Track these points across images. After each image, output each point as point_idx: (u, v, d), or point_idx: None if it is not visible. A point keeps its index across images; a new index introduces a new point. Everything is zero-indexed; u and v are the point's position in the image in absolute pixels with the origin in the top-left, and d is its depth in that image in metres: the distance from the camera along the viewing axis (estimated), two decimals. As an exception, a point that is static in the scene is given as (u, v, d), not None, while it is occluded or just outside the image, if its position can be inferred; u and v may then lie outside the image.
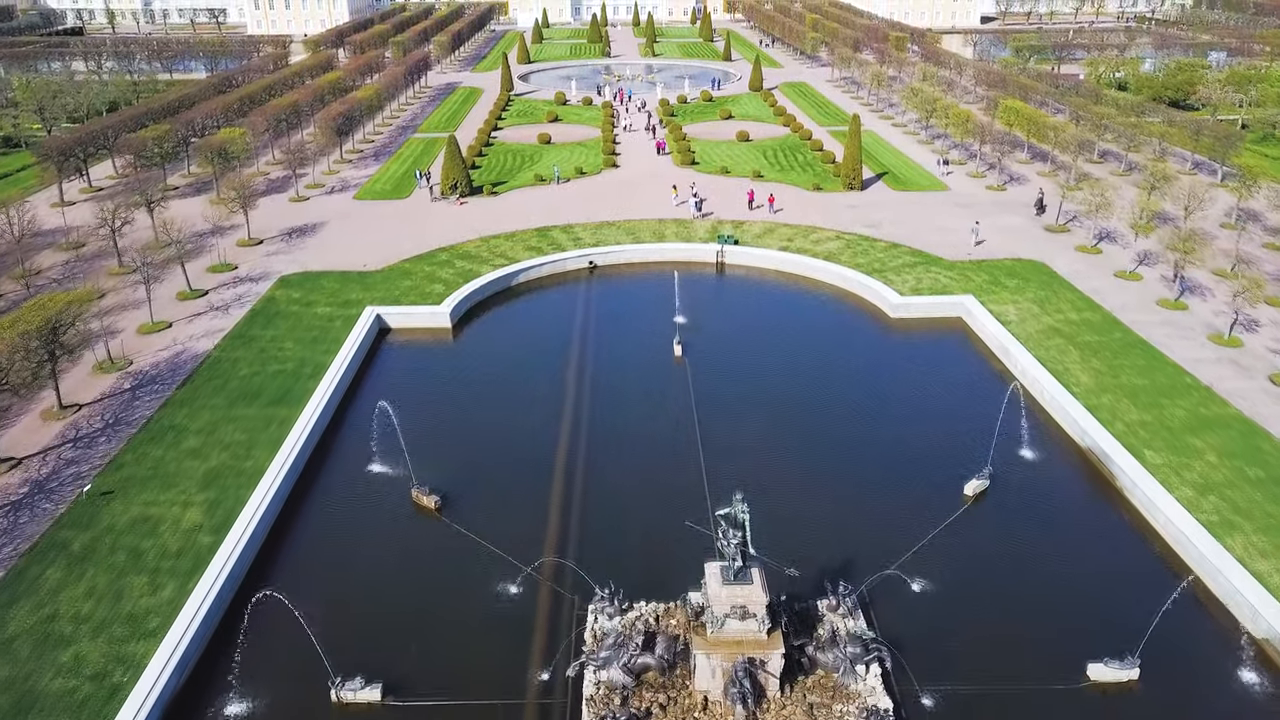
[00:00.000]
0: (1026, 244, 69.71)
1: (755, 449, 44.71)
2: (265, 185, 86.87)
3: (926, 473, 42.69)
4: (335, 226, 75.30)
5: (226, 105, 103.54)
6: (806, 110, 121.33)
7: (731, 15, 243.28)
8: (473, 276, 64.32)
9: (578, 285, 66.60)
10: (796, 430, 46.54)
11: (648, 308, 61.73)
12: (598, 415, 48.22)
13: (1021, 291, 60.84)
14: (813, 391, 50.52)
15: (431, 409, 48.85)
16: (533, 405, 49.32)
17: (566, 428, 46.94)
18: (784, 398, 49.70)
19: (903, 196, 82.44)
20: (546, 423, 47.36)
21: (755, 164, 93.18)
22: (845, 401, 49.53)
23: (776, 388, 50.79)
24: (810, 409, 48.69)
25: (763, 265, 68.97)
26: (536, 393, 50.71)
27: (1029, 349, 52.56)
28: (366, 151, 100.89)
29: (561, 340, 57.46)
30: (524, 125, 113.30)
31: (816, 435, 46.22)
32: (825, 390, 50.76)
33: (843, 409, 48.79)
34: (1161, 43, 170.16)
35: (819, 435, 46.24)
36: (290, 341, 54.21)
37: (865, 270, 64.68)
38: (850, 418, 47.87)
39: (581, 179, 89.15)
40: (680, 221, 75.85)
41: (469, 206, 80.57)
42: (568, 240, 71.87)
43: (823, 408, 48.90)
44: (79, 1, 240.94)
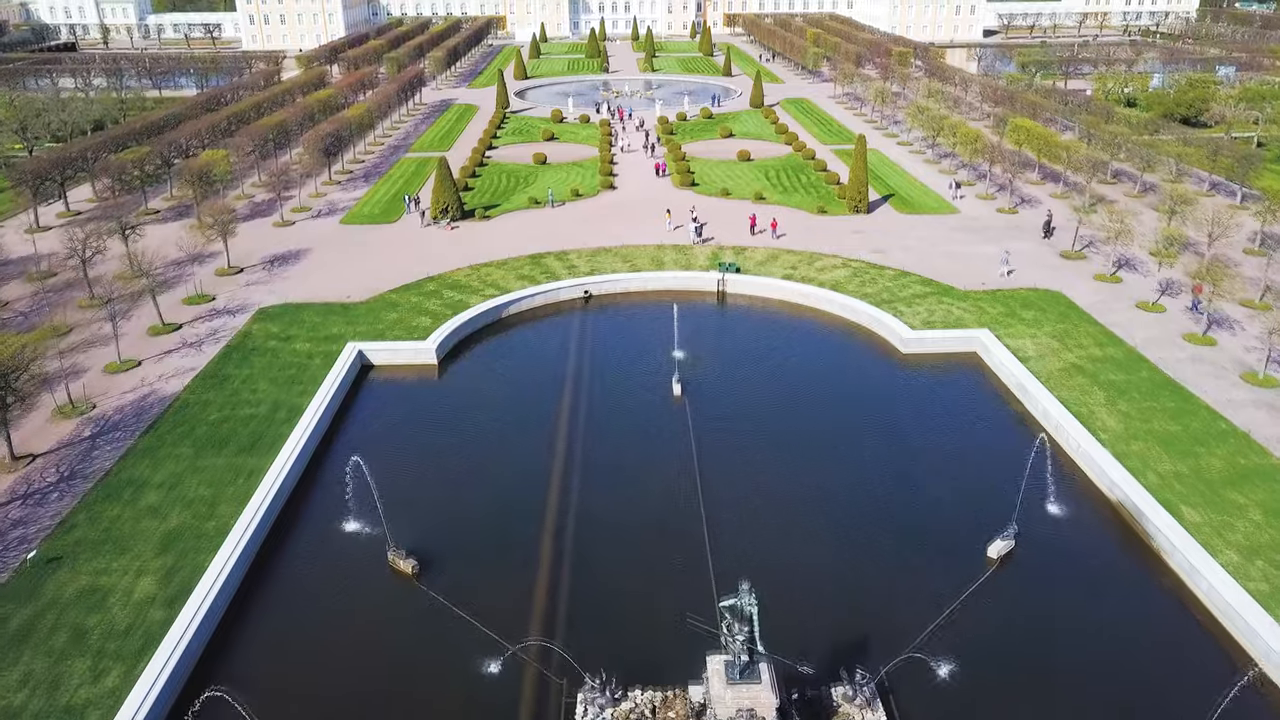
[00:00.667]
0: (1042, 272, 66.56)
1: (759, 503, 41.45)
2: (249, 209, 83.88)
3: (947, 531, 39.43)
4: (320, 253, 72.18)
5: (213, 125, 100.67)
6: (809, 128, 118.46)
7: (731, 29, 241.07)
8: (461, 308, 61.17)
9: (572, 316, 63.46)
10: (804, 481, 43.27)
11: (645, 341, 58.57)
12: (591, 464, 44.98)
13: (1039, 324, 57.64)
14: (821, 436, 47.28)
15: (413, 457, 45.65)
16: (521, 452, 46.09)
17: (557, 479, 43.67)
18: (790, 443, 46.46)
19: (910, 220, 79.35)
20: (536, 473, 44.10)
21: (757, 185, 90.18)
22: (857, 448, 46.26)
23: (782, 432, 47.56)
24: (819, 456, 45.43)
25: (766, 295, 65.83)
26: (526, 438, 47.48)
27: (1050, 389, 49.33)
28: (356, 172, 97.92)
29: (553, 377, 54.27)
30: (519, 144, 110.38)
31: (826, 487, 42.93)
32: (835, 435, 47.51)
33: (854, 456, 45.52)
34: (1169, 57, 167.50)
35: (828, 487, 42.95)
36: (265, 382, 50.99)
37: (874, 301, 61.51)
38: (862, 467, 44.59)
39: (578, 201, 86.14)
40: (679, 247, 72.76)
41: (460, 231, 77.49)
42: (562, 268, 68.76)
43: (832, 455, 45.64)
44: (73, 17, 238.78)
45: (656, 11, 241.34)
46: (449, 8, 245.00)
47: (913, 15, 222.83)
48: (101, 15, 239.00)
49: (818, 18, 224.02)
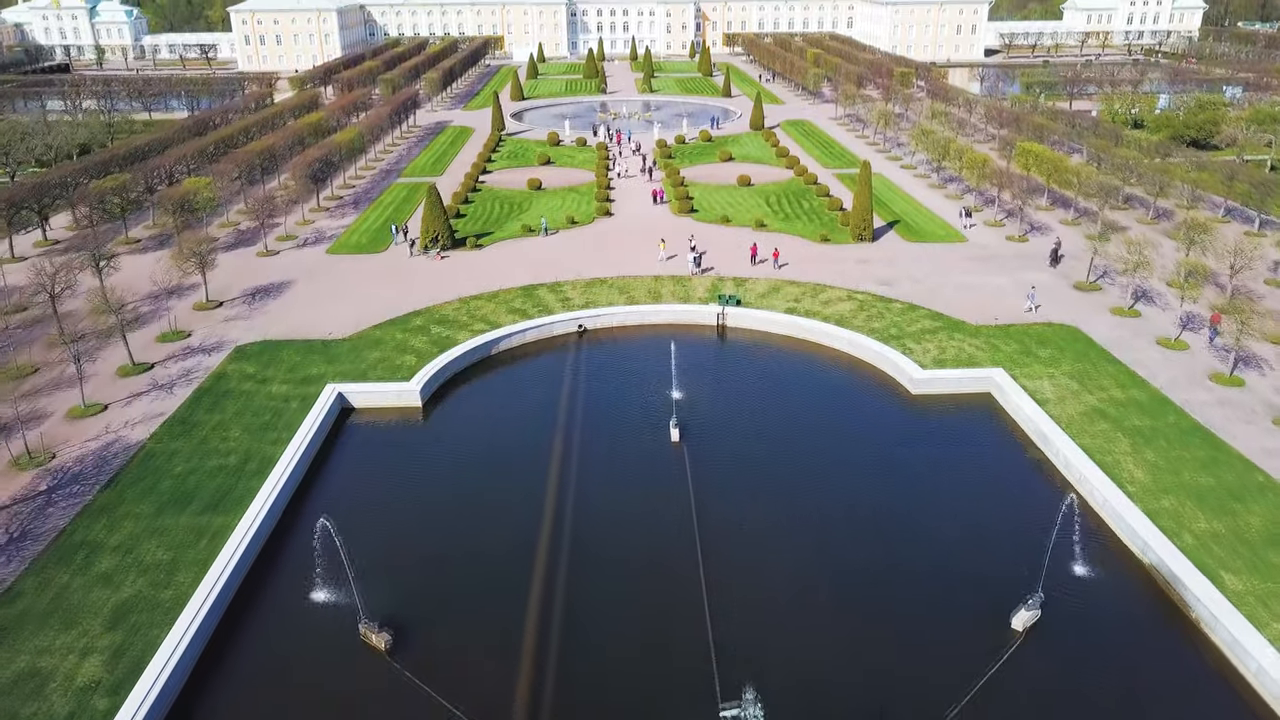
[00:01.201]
0: (1056, 305, 63.67)
1: (763, 566, 38.42)
2: (234, 237, 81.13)
3: (967, 599, 36.37)
4: (303, 286, 69.33)
5: (200, 149, 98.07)
6: (810, 151, 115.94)
7: (731, 49, 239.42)
8: (448, 345, 58.28)
9: (565, 353, 60.55)
10: (811, 540, 40.24)
11: (642, 379, 55.64)
12: (582, 523, 41.92)
13: (1056, 363, 54.71)
14: (829, 489, 44.28)
15: (391, 514, 42.64)
16: (508, 509, 43.07)
17: (545, 541, 40.61)
18: (796, 496, 43.46)
19: (917, 249, 76.55)
20: (523, 533, 41.05)
21: (758, 211, 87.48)
22: (867, 502, 43.22)
23: (787, 483, 44.57)
24: (827, 512, 42.39)
25: (768, 329, 62.95)
26: (513, 491, 44.47)
27: (1071, 436, 46.37)
28: (346, 199, 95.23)
29: (544, 421, 51.28)
30: (514, 168, 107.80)
31: (835, 547, 39.88)
32: (844, 487, 44.50)
33: (865, 512, 42.46)
34: (1174, 77, 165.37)
35: (837, 547, 39.91)
36: (237, 429, 48.00)
37: (882, 337, 58.62)
38: (874, 524, 41.51)
39: (572, 229, 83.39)
40: (677, 278, 69.93)
41: (450, 261, 74.70)
42: (555, 301, 65.92)
43: (841, 510, 42.60)
44: (67, 38, 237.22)
45: (655, 31, 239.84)
46: (446, 28, 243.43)
47: (913, 35, 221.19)
48: (97, 36, 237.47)
49: (817, 37, 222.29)
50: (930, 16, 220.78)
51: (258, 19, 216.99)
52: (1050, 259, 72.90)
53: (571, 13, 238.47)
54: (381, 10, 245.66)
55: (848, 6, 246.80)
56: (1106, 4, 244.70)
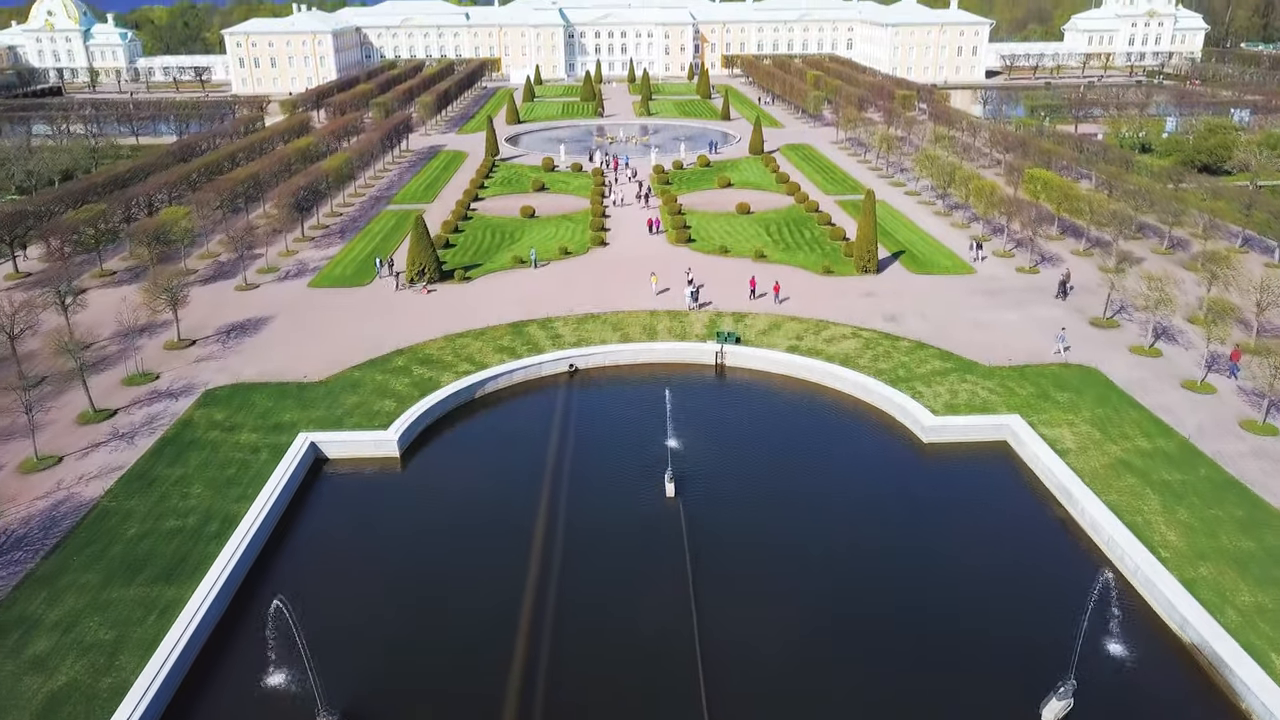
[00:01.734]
0: (1073, 343, 60.40)
1: (763, 638, 35.02)
2: (213, 270, 78.03)
3: (989, 684, 32.94)
4: (282, 322, 66.15)
5: (183, 176, 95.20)
6: (811, 176, 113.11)
7: (730, 71, 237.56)
8: (431, 388, 55.04)
9: (554, 394, 57.31)
10: (816, 611, 36.86)
11: (635, 425, 52.38)
12: (569, 590, 38.56)
13: (1076, 409, 51.43)
14: (835, 552, 40.92)
15: (360, 583, 39.28)
16: (488, 574, 39.73)
17: (528, 611, 37.20)
18: (801, 559, 40.12)
19: (924, 282, 73.41)
20: (503, 603, 37.66)
21: (757, 241, 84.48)
22: (878, 569, 39.84)
23: (791, 544, 41.22)
24: (834, 578, 39.06)
25: (769, 369, 59.73)
26: (493, 554, 41.13)
27: (1096, 492, 43.04)
28: (332, 227, 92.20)
29: (530, 473, 47.96)
30: (507, 195, 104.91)
31: (842, 621, 36.49)
32: (851, 550, 41.12)
33: (875, 581, 39.08)
34: (1179, 99, 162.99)
35: (845, 621, 36.51)
36: (200, 484, 44.68)
37: (890, 380, 55.36)
38: (885, 595, 38.11)
39: (565, 260, 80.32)
40: (674, 313, 66.79)
41: (437, 295, 71.58)
42: (545, 338, 62.74)
43: (849, 577, 39.24)
44: (61, 60, 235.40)
45: (654, 53, 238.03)
46: (444, 50, 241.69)
47: (914, 57, 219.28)
48: (91, 59, 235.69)
49: (817, 59, 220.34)
50: (931, 38, 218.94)
51: (252, 41, 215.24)
52: (1058, 291, 69.91)
53: (569, 35, 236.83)
54: (378, 32, 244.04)
55: (847, 28, 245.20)
56: (1108, 25, 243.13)
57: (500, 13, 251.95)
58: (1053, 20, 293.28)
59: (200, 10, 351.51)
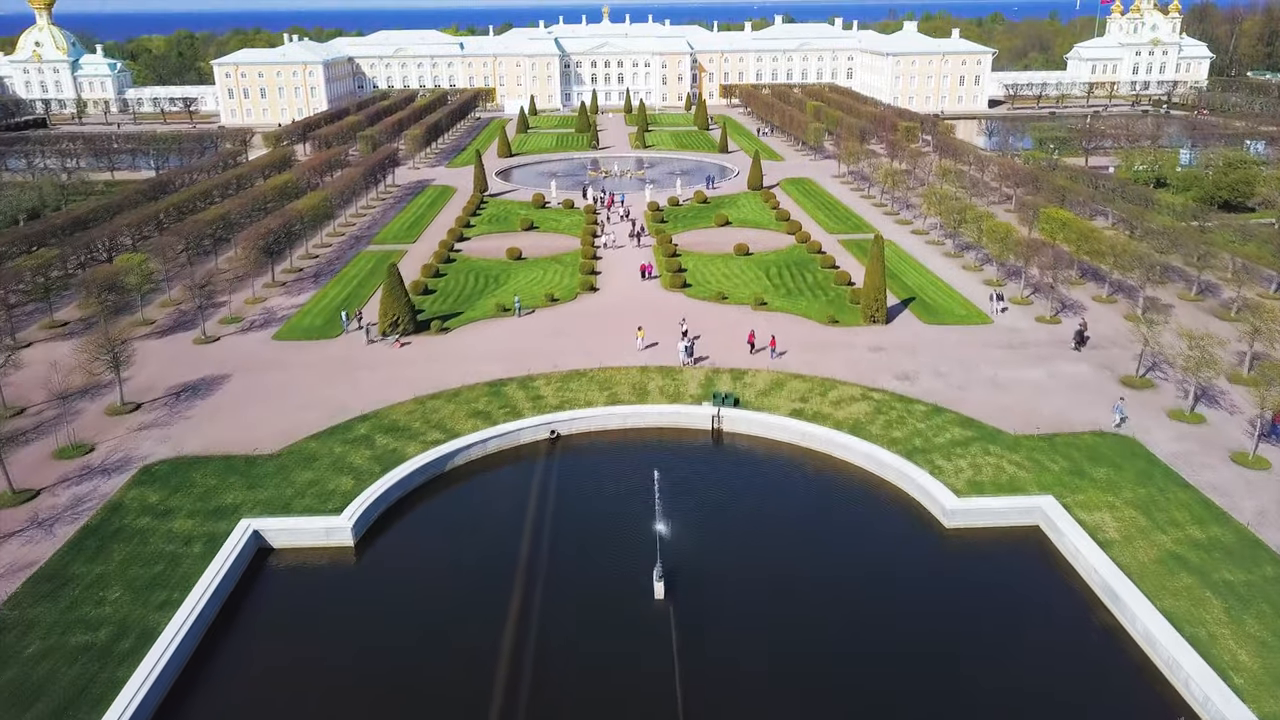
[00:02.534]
0: (1103, 407, 54.88)
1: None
2: (172, 320, 72.56)
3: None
4: (238, 382, 60.63)
5: (150, 216, 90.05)
6: (813, 213, 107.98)
7: (728, 101, 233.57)
8: (394, 462, 49.47)
9: (532, 467, 51.72)
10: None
11: (622, 505, 46.76)
12: (541, 713, 32.86)
13: (1115, 488, 45.79)
14: (847, 665, 35.23)
15: (298, 712, 33.47)
16: (447, 697, 33.93)
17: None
18: (809, 677, 34.38)
19: (938, 334, 67.95)
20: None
21: (757, 285, 79.19)
22: (897, 690, 34.06)
23: (798, 657, 35.53)
24: (844, 701, 33.25)
25: (771, 436, 54.18)
26: (455, 670, 35.40)
27: (1148, 596, 37.38)
28: (306, 271, 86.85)
29: (499, 567, 42.30)
30: (494, 235, 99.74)
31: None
32: (865, 664, 35.43)
33: (893, 704, 33.30)
34: (1192, 131, 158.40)
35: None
36: (119, 586, 39.01)
37: (905, 451, 49.77)
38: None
39: (552, 309, 74.95)
40: (666, 370, 61.34)
41: (410, 349, 66.14)
42: (525, 400, 57.24)
43: (862, 699, 33.45)
44: (49, 91, 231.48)
45: (651, 83, 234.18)
46: (437, 80, 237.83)
47: (915, 86, 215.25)
48: (79, 90, 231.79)
49: (816, 89, 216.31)
50: (933, 67, 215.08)
51: (241, 72, 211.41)
52: (1075, 341, 64.70)
53: (565, 64, 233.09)
54: (371, 63, 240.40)
55: (847, 57, 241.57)
56: (1111, 54, 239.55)
57: (495, 42, 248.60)
58: (1054, 49, 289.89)
59: (197, 40, 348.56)
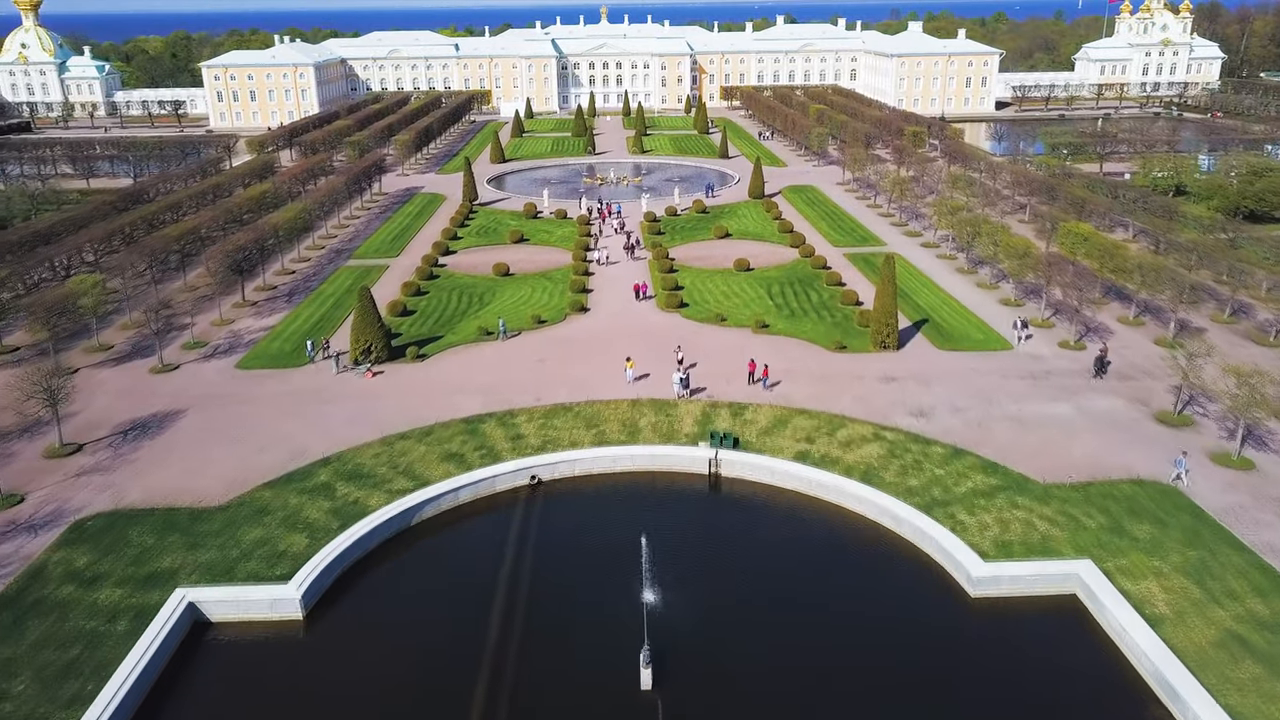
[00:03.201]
0: (1140, 450, 49.85)
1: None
2: (131, 346, 67.53)
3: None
4: (193, 419, 55.64)
5: (116, 230, 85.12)
6: (817, 224, 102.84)
7: (729, 104, 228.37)
8: (355, 516, 44.50)
9: (508, 520, 46.71)
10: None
11: (607, 566, 41.75)
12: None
13: (1161, 550, 40.73)
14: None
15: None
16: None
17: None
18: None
19: (954, 362, 62.85)
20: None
21: (758, 306, 74.16)
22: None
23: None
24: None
25: (773, 483, 49.16)
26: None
27: (1209, 688, 32.31)
28: (280, 289, 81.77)
29: (468, 642, 37.30)
30: (482, 248, 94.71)
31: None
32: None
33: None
34: (1209, 134, 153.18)
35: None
36: (27, 675, 34.04)
37: (923, 503, 44.71)
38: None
39: (538, 331, 69.93)
40: (659, 404, 56.35)
41: (383, 380, 61.17)
42: (503, 438, 52.27)
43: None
44: (35, 94, 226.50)
45: (650, 85, 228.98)
46: (432, 83, 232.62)
47: (920, 88, 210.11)
48: (66, 92, 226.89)
49: (819, 91, 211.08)
50: (939, 69, 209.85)
51: (230, 74, 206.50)
52: (1095, 368, 59.88)
53: (562, 66, 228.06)
54: (364, 64, 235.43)
55: (850, 58, 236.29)
56: (1121, 55, 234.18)
57: (491, 43, 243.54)
58: (1059, 49, 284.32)
59: (195, 40, 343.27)
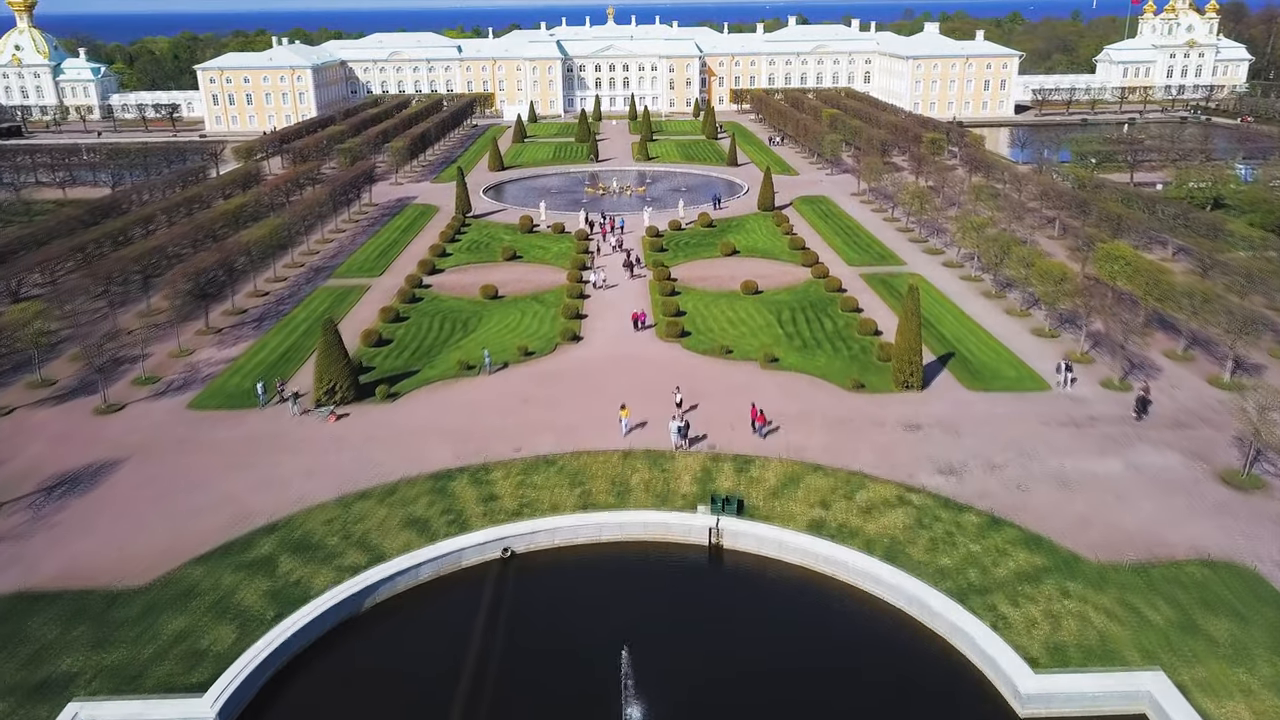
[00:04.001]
0: (1205, 520, 43.20)
1: None
2: (78, 381, 61.35)
3: None
4: (131, 471, 49.52)
5: (78, 248, 79.20)
6: (831, 240, 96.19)
7: (739, 107, 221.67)
8: (294, 602, 38.28)
9: (475, 603, 40.40)
10: None
11: (586, 668, 35.40)
12: None
13: (1246, 658, 34.10)
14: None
15: None
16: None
17: None
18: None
19: (985, 405, 56.20)
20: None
21: (767, 335, 67.72)
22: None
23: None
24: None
25: (783, 557, 42.69)
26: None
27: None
28: (251, 313, 75.63)
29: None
30: (471, 266, 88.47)
31: None
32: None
33: None
34: (1242, 140, 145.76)
35: None
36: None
37: (959, 590, 38.19)
38: None
39: (525, 365, 63.61)
40: (655, 455, 50.01)
41: (348, 423, 54.95)
42: (475, 499, 46.00)
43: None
44: (29, 97, 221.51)
45: (658, 87, 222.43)
46: (434, 86, 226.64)
47: (937, 91, 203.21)
48: (61, 95, 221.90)
49: (832, 94, 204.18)
50: (956, 71, 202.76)
51: (226, 77, 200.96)
52: (1136, 409, 53.49)
53: (568, 68, 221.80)
54: (364, 66, 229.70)
55: (864, 60, 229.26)
56: (1144, 57, 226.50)
57: (494, 45, 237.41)
58: (1078, 51, 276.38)
59: (201, 41, 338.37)
